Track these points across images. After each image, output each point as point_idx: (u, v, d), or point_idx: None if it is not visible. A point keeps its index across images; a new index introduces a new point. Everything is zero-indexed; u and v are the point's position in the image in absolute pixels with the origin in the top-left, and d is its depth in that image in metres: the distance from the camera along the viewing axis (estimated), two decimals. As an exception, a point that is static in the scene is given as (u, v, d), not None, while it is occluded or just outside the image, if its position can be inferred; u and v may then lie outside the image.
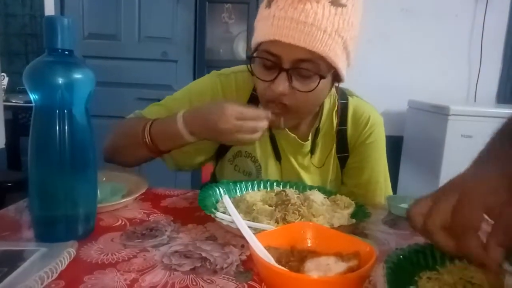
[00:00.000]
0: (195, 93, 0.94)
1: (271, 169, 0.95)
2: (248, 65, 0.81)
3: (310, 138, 0.93)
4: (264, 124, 0.75)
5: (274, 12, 0.71)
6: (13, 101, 2.59)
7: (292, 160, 0.95)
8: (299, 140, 0.92)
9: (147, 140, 0.81)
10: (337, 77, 0.81)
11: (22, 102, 2.58)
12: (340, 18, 0.72)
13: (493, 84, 2.56)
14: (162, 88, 2.34)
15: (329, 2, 0.71)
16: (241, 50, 2.47)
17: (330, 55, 0.73)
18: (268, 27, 0.72)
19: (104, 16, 2.30)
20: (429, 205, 0.48)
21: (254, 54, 0.78)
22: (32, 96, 0.55)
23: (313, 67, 0.74)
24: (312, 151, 0.94)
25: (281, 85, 0.74)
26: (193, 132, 0.77)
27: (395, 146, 2.40)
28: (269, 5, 0.73)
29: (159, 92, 2.33)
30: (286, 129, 0.91)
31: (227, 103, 0.74)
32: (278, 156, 0.95)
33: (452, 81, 2.53)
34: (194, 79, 2.33)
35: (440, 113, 2.05)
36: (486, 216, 0.45)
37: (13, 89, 2.78)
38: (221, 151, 0.97)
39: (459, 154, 2.07)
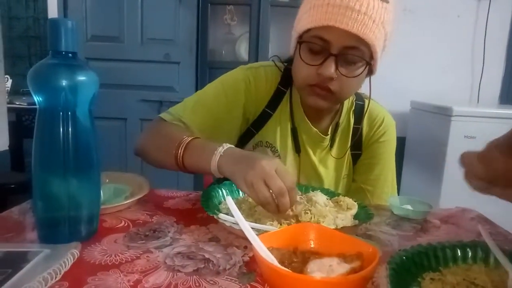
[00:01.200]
0: (229, 87, 0.94)
1: (289, 161, 0.97)
2: (275, 62, 0.90)
3: (329, 133, 0.97)
4: (286, 201, 0.64)
5: (328, 0, 0.75)
6: (17, 103, 2.60)
7: (311, 153, 0.98)
8: (321, 134, 0.95)
9: (179, 161, 0.77)
10: (371, 68, 0.85)
11: (25, 104, 2.59)
12: (385, 12, 0.78)
13: (496, 85, 2.55)
14: (165, 90, 2.35)
15: None
16: (243, 51, 2.47)
17: (375, 44, 0.78)
18: (322, 13, 0.76)
19: (107, 18, 2.31)
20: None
21: (303, 39, 0.81)
22: (36, 98, 0.56)
23: (359, 54, 0.78)
24: (331, 145, 0.98)
25: (329, 69, 0.78)
26: (224, 173, 0.71)
27: (398, 147, 2.36)
28: None
29: (162, 93, 2.34)
30: (309, 122, 0.95)
31: (284, 168, 0.66)
32: (298, 149, 0.97)
33: (455, 82, 2.52)
34: (197, 80, 2.35)
35: (443, 114, 2.05)
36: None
37: (16, 91, 2.79)
38: (243, 141, 0.98)
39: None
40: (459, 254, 0.56)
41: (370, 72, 0.87)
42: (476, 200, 0.99)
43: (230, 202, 0.59)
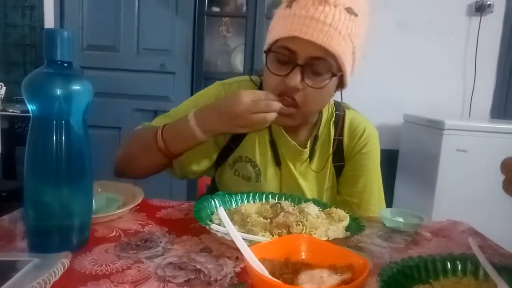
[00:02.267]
0: (200, 102, 0.94)
1: (271, 175, 0.97)
2: (251, 77, 0.92)
3: (308, 145, 0.96)
4: (276, 104, 0.77)
5: (295, 11, 0.77)
6: (10, 110, 2.58)
7: (291, 166, 0.97)
8: (299, 147, 0.95)
9: (160, 144, 0.82)
10: (341, 82, 0.86)
11: (19, 111, 2.57)
12: (352, 24, 0.78)
13: (487, 99, 2.59)
14: (160, 100, 2.35)
15: (345, 8, 0.77)
16: (238, 62, 2.49)
17: (342, 56, 0.79)
18: (288, 24, 0.77)
19: (103, 28, 2.32)
20: None
21: (271, 49, 0.83)
22: (30, 107, 0.56)
23: (325, 65, 0.79)
24: (310, 157, 0.97)
25: (295, 79, 0.78)
26: (206, 129, 0.80)
27: (390, 159, 2.40)
28: (290, 5, 0.79)
29: (157, 103, 2.35)
30: (287, 136, 0.94)
31: (240, 89, 0.78)
32: (278, 162, 0.96)
33: (447, 96, 2.56)
34: (192, 91, 2.36)
35: (435, 127, 2.07)
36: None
37: (10, 98, 2.78)
38: (222, 157, 0.99)
39: (454, 168, 2.09)
40: (449, 267, 0.56)
41: (342, 86, 0.87)
42: (467, 213, 1.01)
43: (222, 213, 0.59)
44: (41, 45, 0.57)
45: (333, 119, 0.98)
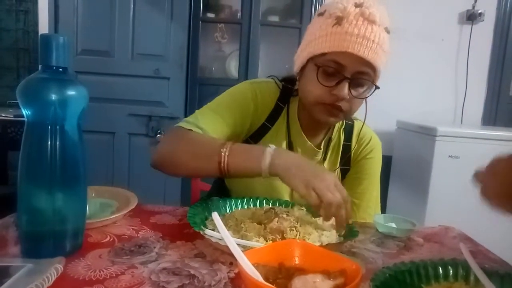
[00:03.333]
0: (239, 97, 0.98)
1: None
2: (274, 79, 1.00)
3: (322, 147, 1.03)
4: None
5: (346, 29, 0.83)
6: (3, 115, 2.56)
7: None
8: (315, 148, 1.01)
9: (223, 166, 0.78)
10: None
11: (12, 116, 2.55)
12: (388, 40, 0.88)
13: (478, 106, 2.63)
14: (154, 105, 2.35)
15: (384, 28, 0.86)
16: (233, 68, 2.50)
17: (380, 68, 0.88)
18: (340, 40, 0.83)
19: (98, 33, 2.32)
20: None
21: (319, 63, 0.87)
22: (25, 112, 0.56)
23: (368, 78, 0.88)
24: (324, 158, 1.04)
25: (344, 90, 0.85)
26: (276, 172, 0.75)
27: (384, 165, 2.38)
28: (339, 23, 0.84)
29: (151, 108, 2.34)
30: (305, 137, 1.00)
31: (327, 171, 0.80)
32: None
33: (439, 103, 2.59)
34: (186, 96, 2.36)
35: (428, 134, 2.09)
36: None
37: (3, 103, 2.76)
38: None
39: (446, 174, 2.11)
40: (441, 272, 0.57)
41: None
42: (459, 219, 1.02)
43: (216, 218, 0.59)
44: (35, 49, 0.57)
45: (343, 126, 1.06)
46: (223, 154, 0.78)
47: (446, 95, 2.59)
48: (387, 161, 2.48)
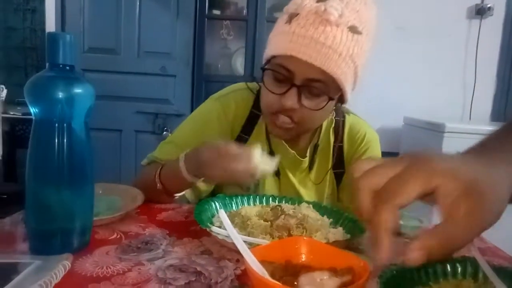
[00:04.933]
0: (200, 123, 0.95)
1: (269, 185, 0.96)
2: (248, 85, 0.90)
3: (308, 154, 0.95)
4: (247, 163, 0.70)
5: (294, 28, 0.73)
6: (11, 113, 2.59)
7: (290, 176, 0.96)
8: (298, 157, 0.94)
9: (159, 186, 0.83)
10: (341, 98, 0.84)
11: (20, 114, 2.58)
12: (355, 45, 0.74)
13: (487, 102, 2.60)
14: (161, 102, 2.36)
15: (348, 28, 0.73)
16: (239, 65, 2.50)
17: (341, 78, 0.76)
18: (286, 42, 0.74)
19: (104, 31, 2.33)
20: (373, 165, 0.41)
21: (267, 66, 0.80)
22: (33, 110, 0.56)
23: (323, 87, 0.76)
24: (310, 167, 0.95)
25: (291, 100, 0.76)
26: (190, 170, 0.77)
27: (391, 162, 2.40)
28: (289, 21, 0.75)
29: (158, 106, 2.35)
30: (286, 145, 0.92)
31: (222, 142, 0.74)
32: (277, 172, 0.95)
33: (447, 99, 2.56)
34: (193, 93, 2.37)
35: (436, 130, 2.07)
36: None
37: (11, 101, 2.79)
38: None
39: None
40: (449, 270, 0.56)
41: (342, 102, 0.86)
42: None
43: (223, 215, 0.59)
44: (42, 48, 0.57)
45: (333, 125, 0.96)
46: (157, 182, 0.83)
47: (454, 91, 2.57)
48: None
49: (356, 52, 0.75)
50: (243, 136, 0.94)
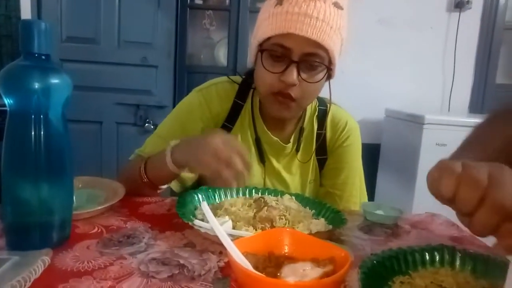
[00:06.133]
0: (184, 114, 0.96)
1: (255, 171, 0.98)
2: (230, 78, 0.92)
3: (292, 140, 0.98)
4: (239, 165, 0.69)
5: (287, 8, 0.78)
6: (-14, 104, 2.51)
7: (274, 161, 0.99)
8: (281, 143, 0.96)
9: (144, 179, 0.83)
10: (329, 73, 0.87)
11: (-5, 105, 2.50)
12: (340, 19, 0.80)
13: (466, 94, 2.66)
14: (142, 93, 2.32)
15: (332, 3, 0.79)
16: (222, 56, 2.47)
17: (333, 50, 0.81)
18: (281, 21, 0.78)
19: (83, 19, 2.26)
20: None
21: (264, 47, 0.82)
22: (7, 101, 0.54)
23: (319, 60, 0.81)
24: (297, 149, 0.98)
25: (292, 76, 0.79)
26: (178, 161, 0.76)
27: (372, 153, 2.44)
28: (280, 3, 0.79)
29: (139, 97, 2.31)
30: (269, 132, 0.95)
31: (216, 132, 0.74)
32: (262, 159, 0.97)
33: (427, 91, 2.61)
34: (175, 84, 2.34)
35: (416, 121, 2.11)
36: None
37: (-14, 92, 2.70)
38: None
39: (434, 161, 2.11)
40: (427, 258, 0.58)
41: (329, 77, 0.90)
42: (445, 206, 1.03)
43: (205, 208, 0.59)
44: (17, 36, 0.55)
45: (316, 113, 1.00)
46: (143, 175, 0.82)
47: (434, 83, 2.61)
48: (375, 149, 2.52)
49: (342, 25, 0.81)
50: (227, 125, 0.96)
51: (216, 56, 2.50)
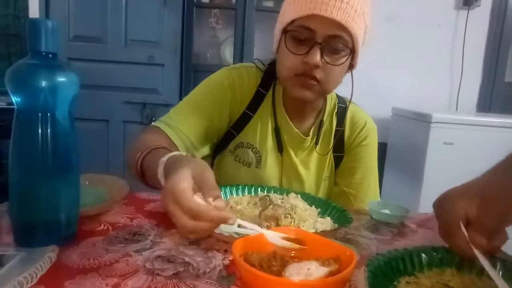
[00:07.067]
0: (215, 87, 0.96)
1: (271, 161, 0.98)
2: (256, 64, 0.92)
3: (311, 133, 0.98)
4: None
5: None
6: (-5, 103, 2.53)
7: (292, 154, 0.99)
8: (302, 135, 0.97)
9: (137, 172, 0.76)
10: (351, 62, 0.88)
11: (4, 104, 2.52)
12: (365, 4, 0.81)
13: (473, 93, 2.63)
14: (148, 92, 2.33)
15: None
16: (228, 55, 2.47)
17: (357, 33, 0.81)
18: (306, 3, 0.78)
19: (90, 19, 2.28)
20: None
21: (289, 28, 0.83)
22: (15, 99, 0.55)
23: (342, 42, 0.81)
24: (316, 142, 0.98)
25: (315, 57, 0.79)
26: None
27: (379, 152, 2.40)
28: None
29: (145, 95, 2.32)
30: (291, 123, 0.96)
31: (183, 181, 0.53)
32: (280, 148, 0.97)
33: (434, 89, 2.58)
34: (181, 83, 2.34)
35: (423, 120, 2.09)
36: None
37: (-5, 90, 2.73)
38: (223, 143, 1.00)
39: (441, 160, 2.12)
40: (434, 259, 0.57)
41: (351, 66, 0.90)
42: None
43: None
44: (26, 35, 0.55)
45: (336, 110, 1.00)
46: (140, 156, 0.75)
47: (442, 81, 2.59)
48: (382, 148, 2.49)
49: (366, 11, 0.81)
50: (248, 113, 0.97)
51: (222, 55, 2.50)
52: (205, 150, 0.99)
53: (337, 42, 0.81)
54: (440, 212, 0.60)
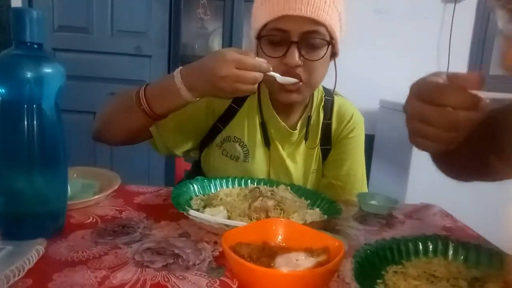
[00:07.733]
0: None
1: (259, 155, 0.97)
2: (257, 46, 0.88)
3: (299, 127, 0.98)
4: (260, 75, 0.73)
5: None
6: (-23, 94, 2.48)
7: (280, 148, 0.99)
8: (289, 129, 0.96)
9: (142, 102, 0.78)
10: (333, 50, 0.87)
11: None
12: None
13: (460, 85, 2.66)
14: (136, 83, 2.26)
15: None
16: (216, 46, 2.45)
17: (331, 24, 0.81)
18: (275, 6, 0.78)
19: (75, 8, 2.23)
20: None
21: (262, 33, 0.82)
22: (-1, 90, 0.53)
23: (318, 36, 0.81)
24: (306, 137, 0.98)
25: (294, 56, 0.79)
26: (191, 87, 0.75)
27: (366, 144, 2.40)
28: None
29: (133, 87, 2.29)
30: (277, 117, 0.95)
31: (227, 50, 0.73)
32: (267, 142, 0.97)
33: (422, 82, 2.61)
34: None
35: (410, 112, 2.11)
36: None
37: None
38: (210, 137, 0.99)
39: (427, 153, 2.15)
40: (421, 248, 0.58)
41: (334, 55, 0.90)
42: (439, 196, 1.04)
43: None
44: (9, 25, 0.54)
45: (323, 103, 1.00)
46: (141, 97, 0.79)
47: (428, 73, 2.61)
48: (369, 140, 2.52)
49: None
50: (234, 106, 0.96)
51: (210, 46, 2.48)
52: (189, 145, 0.98)
53: (313, 38, 0.80)
54: (416, 86, 0.59)
